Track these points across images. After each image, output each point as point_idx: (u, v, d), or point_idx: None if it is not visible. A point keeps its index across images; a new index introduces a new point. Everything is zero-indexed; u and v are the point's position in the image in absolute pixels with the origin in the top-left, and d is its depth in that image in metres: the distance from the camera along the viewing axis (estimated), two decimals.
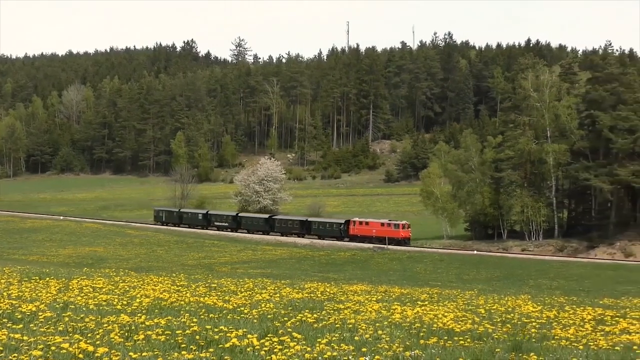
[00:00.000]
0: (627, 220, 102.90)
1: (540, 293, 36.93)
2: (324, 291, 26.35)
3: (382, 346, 11.57)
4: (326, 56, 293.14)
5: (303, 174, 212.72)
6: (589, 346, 12.81)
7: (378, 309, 18.43)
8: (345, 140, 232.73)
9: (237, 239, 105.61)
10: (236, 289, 25.63)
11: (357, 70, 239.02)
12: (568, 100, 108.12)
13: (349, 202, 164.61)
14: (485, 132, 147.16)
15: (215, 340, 11.44)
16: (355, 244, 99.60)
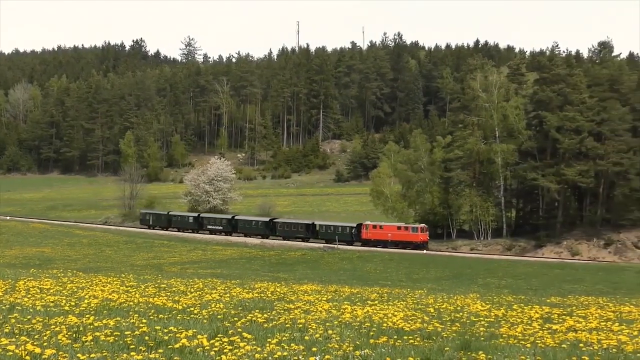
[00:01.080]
0: (574, 219, 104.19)
1: (488, 292, 37.22)
2: (274, 291, 26.32)
3: (332, 346, 11.58)
4: (276, 56, 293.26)
5: (253, 174, 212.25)
6: (536, 344, 12.94)
7: (328, 309, 18.45)
8: (295, 140, 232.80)
9: (187, 239, 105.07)
10: (186, 289, 25.51)
11: (307, 70, 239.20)
12: (516, 100, 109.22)
13: (299, 201, 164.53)
14: (435, 132, 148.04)
15: (165, 341, 11.37)
16: (306, 243, 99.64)
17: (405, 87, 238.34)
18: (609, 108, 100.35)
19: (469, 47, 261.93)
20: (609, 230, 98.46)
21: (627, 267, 79.99)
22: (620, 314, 20.50)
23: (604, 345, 12.68)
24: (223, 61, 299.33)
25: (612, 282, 64.37)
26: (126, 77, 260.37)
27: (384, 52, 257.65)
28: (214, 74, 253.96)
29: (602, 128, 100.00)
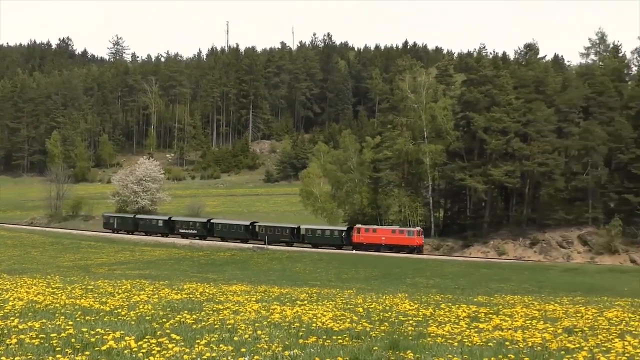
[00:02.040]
0: (501, 219, 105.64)
1: (417, 291, 37.51)
2: (203, 292, 26.18)
3: (261, 346, 11.56)
4: (206, 56, 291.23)
5: (182, 174, 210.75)
6: (463, 343, 13.07)
7: (257, 309, 18.41)
8: (225, 140, 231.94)
9: (115, 239, 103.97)
10: (113, 290, 25.23)
11: (237, 70, 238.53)
12: (444, 101, 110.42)
13: (228, 202, 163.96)
14: (364, 132, 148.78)
15: (92, 343, 11.22)
16: (235, 243, 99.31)
17: (335, 88, 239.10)
18: (534, 109, 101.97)
19: (397, 48, 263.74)
20: (535, 229, 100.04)
21: (551, 267, 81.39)
22: (545, 312, 20.82)
23: (529, 344, 12.86)
24: (152, 61, 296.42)
25: (537, 281, 65.42)
26: (52, 76, 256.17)
27: (313, 53, 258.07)
28: (143, 73, 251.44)
29: (528, 129, 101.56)
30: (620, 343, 12.49)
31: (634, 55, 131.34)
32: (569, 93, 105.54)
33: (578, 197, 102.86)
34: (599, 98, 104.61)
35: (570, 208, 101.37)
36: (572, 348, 12.30)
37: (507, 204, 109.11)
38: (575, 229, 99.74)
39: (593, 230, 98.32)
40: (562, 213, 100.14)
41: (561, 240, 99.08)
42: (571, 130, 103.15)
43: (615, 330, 15.18)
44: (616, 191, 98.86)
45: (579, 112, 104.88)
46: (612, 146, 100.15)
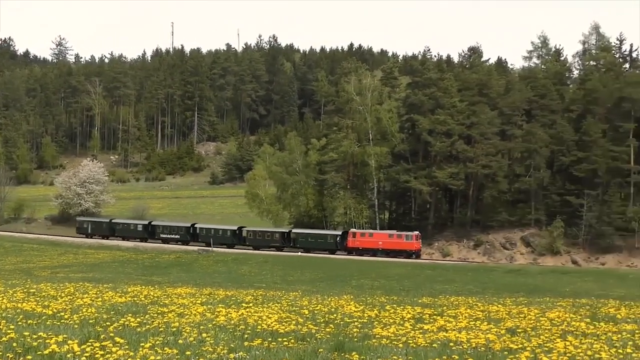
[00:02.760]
0: (445, 221, 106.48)
1: (362, 293, 37.59)
2: (147, 294, 25.98)
3: (206, 349, 11.52)
4: (150, 57, 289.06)
5: (126, 176, 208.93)
6: (408, 344, 13.14)
7: (202, 312, 18.32)
8: (169, 142, 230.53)
9: (58, 242, 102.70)
10: (56, 293, 24.91)
11: (182, 71, 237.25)
12: (389, 104, 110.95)
13: (173, 204, 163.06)
14: (310, 134, 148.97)
15: (34, 347, 11.08)
16: (180, 246, 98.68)
17: (281, 90, 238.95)
18: (478, 112, 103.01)
19: (343, 51, 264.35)
20: (479, 231, 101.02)
21: (495, 268, 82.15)
22: (488, 313, 20.99)
23: (473, 344, 12.97)
24: (95, 62, 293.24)
25: (481, 282, 66.01)
26: None
27: (259, 55, 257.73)
28: (86, 74, 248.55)
29: (472, 131, 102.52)
30: (562, 343, 12.65)
31: (575, 59, 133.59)
32: (512, 96, 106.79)
33: (521, 199, 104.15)
34: (541, 101, 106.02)
35: (513, 210, 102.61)
36: (515, 348, 12.43)
37: (451, 205, 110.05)
38: (518, 231, 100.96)
39: (535, 232, 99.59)
40: (505, 215, 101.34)
41: (504, 242, 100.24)
42: (514, 133, 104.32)
43: (557, 330, 15.37)
44: (558, 193, 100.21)
45: (521, 115, 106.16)
46: (554, 148, 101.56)
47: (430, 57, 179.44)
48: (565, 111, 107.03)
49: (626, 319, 19.14)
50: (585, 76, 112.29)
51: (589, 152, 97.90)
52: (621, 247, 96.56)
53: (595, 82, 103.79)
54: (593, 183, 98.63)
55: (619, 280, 73.61)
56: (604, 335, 14.39)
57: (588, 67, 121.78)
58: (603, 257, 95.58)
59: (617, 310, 23.32)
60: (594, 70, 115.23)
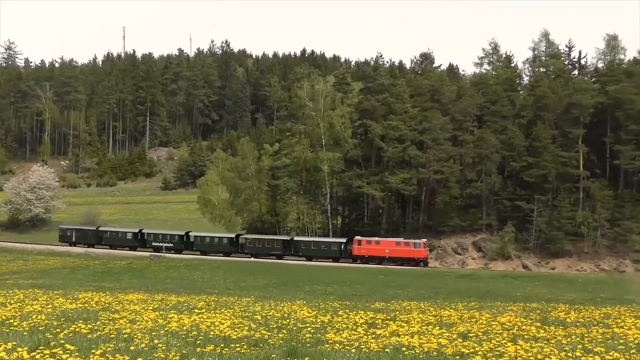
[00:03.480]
0: (397, 226, 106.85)
1: (315, 298, 37.60)
2: (99, 301, 25.75)
3: (158, 355, 11.45)
4: (101, 61, 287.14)
5: (77, 182, 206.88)
6: (360, 349, 13.16)
7: (154, 318, 18.21)
8: (121, 147, 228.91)
9: (7, 248, 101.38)
10: (5, 300, 24.59)
11: (134, 76, 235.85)
12: (342, 109, 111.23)
13: (125, 210, 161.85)
14: (263, 140, 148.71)
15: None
16: (132, 252, 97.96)
17: (233, 95, 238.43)
18: (430, 118, 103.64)
19: (296, 56, 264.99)
20: (431, 236, 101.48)
21: (447, 273, 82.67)
22: (440, 318, 21.11)
23: (425, 349, 13.03)
24: (46, 66, 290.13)
25: (433, 287, 66.31)
26: None
27: (211, 60, 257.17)
28: (36, 79, 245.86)
29: (424, 137, 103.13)
30: (512, 347, 12.77)
31: (525, 66, 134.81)
32: (464, 102, 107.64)
33: (472, 204, 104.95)
34: (492, 107, 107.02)
35: (465, 215, 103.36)
36: (467, 353, 12.52)
37: (403, 211, 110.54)
38: (470, 236, 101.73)
39: (487, 237, 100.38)
40: (457, 220, 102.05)
41: (456, 247, 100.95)
42: (466, 139, 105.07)
43: (508, 334, 15.50)
44: (509, 198, 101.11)
45: (473, 121, 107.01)
46: (505, 154, 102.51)
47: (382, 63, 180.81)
48: (516, 117, 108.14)
49: (575, 323, 19.37)
50: (535, 82, 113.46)
51: (539, 157, 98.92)
52: (571, 251, 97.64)
53: (545, 88, 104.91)
54: (543, 188, 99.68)
55: (569, 284, 74.46)
56: (553, 339, 14.55)
57: (538, 74, 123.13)
58: (553, 261, 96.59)
59: (566, 314, 23.58)
60: (543, 76, 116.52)
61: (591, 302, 43.24)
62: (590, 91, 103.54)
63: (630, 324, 18.40)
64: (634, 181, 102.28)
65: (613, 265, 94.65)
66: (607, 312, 25.16)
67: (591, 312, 25.23)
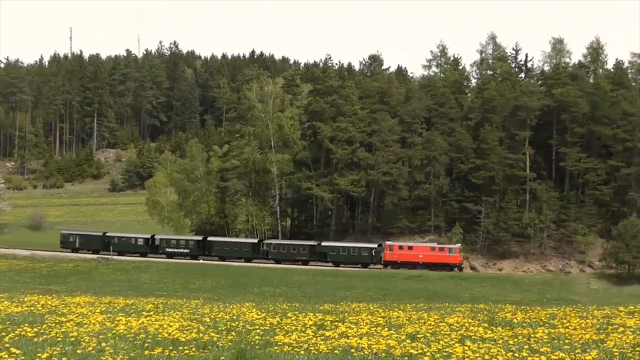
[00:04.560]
0: (347, 228, 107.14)
1: (264, 300, 37.59)
2: (45, 304, 25.44)
3: (105, 358, 11.37)
4: (48, 62, 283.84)
5: (23, 184, 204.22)
6: (310, 351, 13.18)
7: (102, 321, 18.05)
8: (68, 149, 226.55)
9: None
10: None
11: (81, 77, 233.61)
12: (291, 111, 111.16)
13: (72, 211, 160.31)
14: (211, 141, 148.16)
15: None
16: (78, 254, 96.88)
17: (182, 96, 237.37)
18: (379, 119, 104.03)
19: (245, 58, 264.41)
20: (380, 237, 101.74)
21: (395, 274, 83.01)
22: (389, 319, 21.19)
23: (374, 350, 13.08)
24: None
25: (382, 288, 66.66)
26: None
27: (159, 61, 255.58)
28: None
29: (373, 139, 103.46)
30: (460, 348, 12.87)
31: (472, 68, 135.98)
32: (412, 104, 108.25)
33: (421, 205, 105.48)
34: (441, 109, 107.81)
35: (413, 216, 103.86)
36: (415, 354, 12.60)
37: (352, 212, 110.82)
38: (418, 237, 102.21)
39: (435, 238, 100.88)
40: (405, 221, 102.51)
41: None
42: (414, 141, 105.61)
43: (456, 335, 15.61)
44: (457, 200, 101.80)
45: (421, 123, 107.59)
46: (453, 156, 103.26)
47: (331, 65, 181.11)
48: (464, 119, 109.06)
49: (522, 323, 19.57)
50: (483, 85, 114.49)
51: (486, 159, 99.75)
52: (517, 252, 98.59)
53: (492, 91, 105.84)
54: (490, 190, 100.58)
55: (515, 285, 75.32)
56: (501, 340, 14.69)
57: (485, 76, 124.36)
58: (500, 262, 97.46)
59: (513, 314, 23.83)
60: (491, 79, 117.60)
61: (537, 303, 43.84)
62: (536, 94, 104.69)
63: (575, 324, 18.65)
64: (579, 183, 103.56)
65: (559, 266, 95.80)
66: (553, 312, 25.48)
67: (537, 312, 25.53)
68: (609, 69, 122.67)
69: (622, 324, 18.17)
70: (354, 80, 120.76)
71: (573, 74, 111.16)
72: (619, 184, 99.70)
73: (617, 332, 16.02)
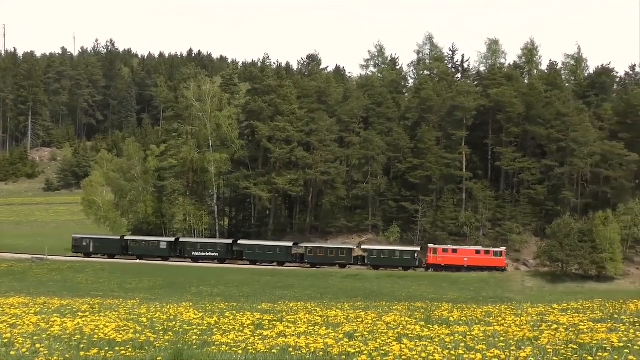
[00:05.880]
0: (285, 227, 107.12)
1: (201, 300, 37.46)
2: None
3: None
4: None
5: None
6: (247, 350, 13.17)
7: (36, 322, 17.83)
8: (1, 148, 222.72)
9: None
10: None
11: (15, 75, 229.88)
12: (229, 110, 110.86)
13: (6, 211, 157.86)
14: (149, 140, 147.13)
15: None
16: (13, 254, 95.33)
17: (118, 95, 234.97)
18: (317, 119, 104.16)
19: (182, 56, 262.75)
20: (318, 237, 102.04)
21: (333, 273, 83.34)
22: (327, 318, 21.27)
23: (312, 349, 13.12)
24: None
25: (319, 287, 66.88)
26: None
27: (96, 59, 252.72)
28: None
29: (311, 138, 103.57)
30: (397, 346, 12.96)
31: (410, 68, 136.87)
32: (350, 104, 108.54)
33: (359, 205, 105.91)
34: (378, 109, 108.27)
35: (351, 216, 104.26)
36: (353, 352, 12.65)
37: (291, 212, 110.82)
38: (356, 236, 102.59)
39: (373, 237, 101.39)
40: (343, 221, 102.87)
41: None
42: (352, 140, 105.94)
43: (393, 334, 15.71)
44: (394, 199, 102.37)
45: (359, 123, 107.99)
46: (390, 156, 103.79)
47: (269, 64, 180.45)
48: (401, 119, 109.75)
49: (458, 321, 19.77)
50: (420, 85, 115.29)
51: (423, 159, 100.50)
52: None
53: (429, 91, 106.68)
54: (427, 189, 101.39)
55: (452, 284, 76.06)
56: (437, 338, 14.82)
57: (422, 77, 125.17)
58: None
59: (450, 312, 24.07)
60: (428, 79, 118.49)
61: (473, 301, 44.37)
62: (472, 94, 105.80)
63: (510, 321, 18.88)
64: (514, 182, 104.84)
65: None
66: (489, 310, 25.80)
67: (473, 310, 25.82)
68: (543, 70, 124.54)
69: (556, 321, 18.45)
70: (292, 80, 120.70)
71: (508, 74, 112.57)
72: (553, 183, 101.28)
73: (550, 329, 16.26)
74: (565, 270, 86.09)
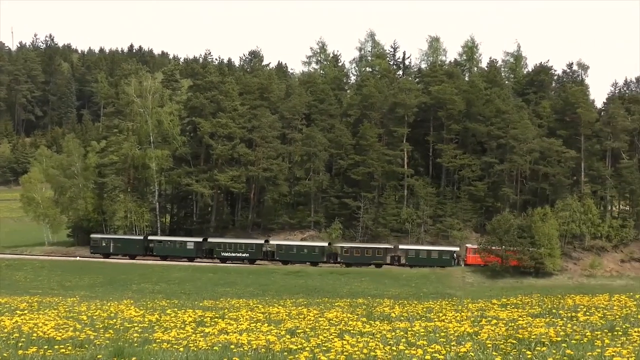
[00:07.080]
0: (227, 224, 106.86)
1: (143, 297, 37.26)
2: None
3: None
4: None
5: None
6: (189, 348, 13.14)
7: None
8: None
9: None
10: None
11: None
12: (170, 106, 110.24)
13: None
14: (89, 137, 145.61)
15: None
16: None
17: (58, 91, 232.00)
18: (259, 116, 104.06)
19: (123, 52, 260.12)
20: (260, 233, 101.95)
21: (275, 270, 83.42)
22: (269, 315, 21.31)
23: (254, 346, 13.13)
24: None
25: (261, 284, 66.88)
26: None
27: (34, 54, 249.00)
28: None
29: (253, 135, 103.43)
30: (339, 342, 13.02)
31: (352, 65, 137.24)
32: (292, 100, 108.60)
33: (301, 201, 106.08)
34: (320, 106, 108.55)
35: (293, 212, 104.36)
36: (295, 349, 12.69)
37: (233, 208, 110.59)
38: (298, 233, 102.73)
39: (315, 234, 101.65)
40: (286, 217, 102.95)
41: None
42: (294, 137, 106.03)
43: (335, 330, 15.79)
44: (336, 196, 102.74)
45: (301, 119, 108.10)
46: (332, 152, 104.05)
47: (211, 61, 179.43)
48: (344, 116, 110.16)
49: (400, 317, 19.93)
50: (362, 82, 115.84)
51: (365, 155, 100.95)
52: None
53: (371, 87, 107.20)
54: (369, 186, 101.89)
55: (394, 280, 76.49)
56: (379, 334, 14.93)
57: (364, 73, 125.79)
58: None
59: (391, 309, 24.26)
60: (369, 76, 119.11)
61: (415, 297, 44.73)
62: (414, 91, 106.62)
63: (450, 317, 19.09)
64: (454, 179, 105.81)
65: None
66: (430, 306, 26.05)
67: (414, 306, 26.05)
68: (483, 68, 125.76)
69: (495, 317, 18.69)
70: (234, 76, 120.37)
71: (449, 72, 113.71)
72: (493, 180, 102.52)
73: (490, 324, 16.47)
74: (505, 265, 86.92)
